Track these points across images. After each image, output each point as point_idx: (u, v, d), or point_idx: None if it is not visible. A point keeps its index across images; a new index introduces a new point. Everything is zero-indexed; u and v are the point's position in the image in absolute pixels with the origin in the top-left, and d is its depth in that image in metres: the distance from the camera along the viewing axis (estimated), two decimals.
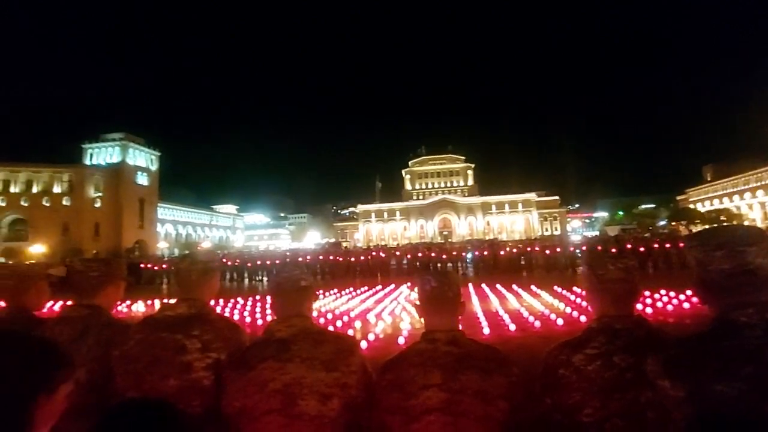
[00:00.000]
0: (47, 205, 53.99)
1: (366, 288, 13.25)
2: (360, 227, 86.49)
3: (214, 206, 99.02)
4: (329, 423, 1.14)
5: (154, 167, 67.60)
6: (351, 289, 13.08)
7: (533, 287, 10.98)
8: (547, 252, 18.64)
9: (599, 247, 16.83)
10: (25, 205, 52.99)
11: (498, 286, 11.60)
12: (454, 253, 20.22)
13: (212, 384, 1.36)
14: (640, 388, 1.00)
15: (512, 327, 6.64)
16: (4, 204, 51.90)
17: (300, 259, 20.59)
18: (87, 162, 60.55)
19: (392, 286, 13.47)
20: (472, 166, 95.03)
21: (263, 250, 39.78)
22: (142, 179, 64.49)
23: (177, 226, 76.22)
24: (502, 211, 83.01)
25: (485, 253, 19.27)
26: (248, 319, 8.47)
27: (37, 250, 45.51)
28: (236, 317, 8.74)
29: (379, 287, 13.30)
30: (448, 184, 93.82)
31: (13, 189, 53.10)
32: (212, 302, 1.75)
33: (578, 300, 8.64)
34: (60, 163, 57.21)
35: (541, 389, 1.17)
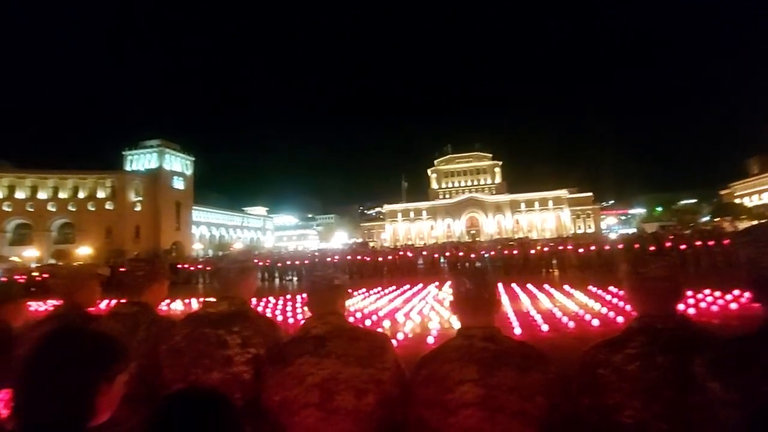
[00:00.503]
0: (92, 209, 57.38)
1: (394, 287, 13.29)
2: (387, 227, 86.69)
3: (245, 208, 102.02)
4: (365, 418, 1.17)
5: (189, 172, 70.41)
6: (379, 288, 13.15)
7: (566, 287, 10.66)
8: (581, 251, 18.03)
9: (636, 245, 16.13)
10: (73, 209, 56.53)
11: (529, 285, 11.33)
12: (483, 252, 19.90)
13: (252, 378, 1.43)
14: (686, 389, 0.97)
15: (545, 327, 6.49)
16: (54, 209, 55.59)
17: (328, 259, 20.88)
18: (127, 168, 63.87)
19: (420, 285, 13.43)
20: (500, 163, 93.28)
21: (292, 251, 40.61)
22: (178, 183, 67.33)
23: (211, 228, 79.10)
24: (532, 209, 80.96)
25: (515, 252, 18.86)
26: (280, 318, 8.68)
27: (83, 252, 48.43)
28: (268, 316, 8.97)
29: (407, 287, 13.29)
30: (475, 183, 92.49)
31: (61, 195, 56.79)
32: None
33: (614, 300, 8.33)
34: (103, 170, 60.65)
35: (578, 389, 1.15)
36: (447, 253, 20.30)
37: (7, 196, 53.52)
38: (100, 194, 58.71)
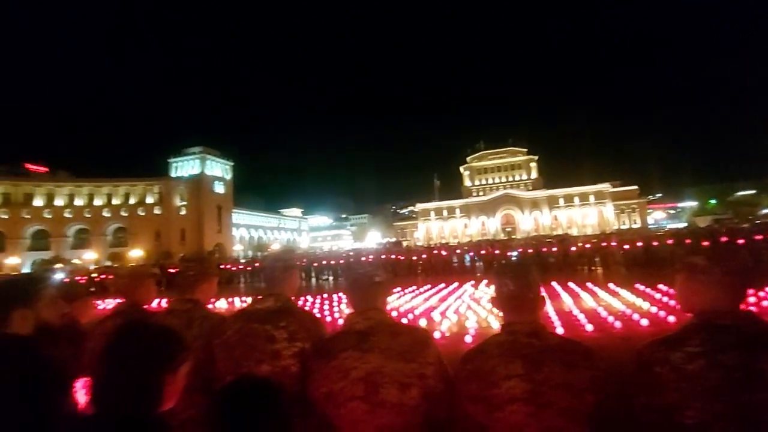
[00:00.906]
0: (142, 214, 61.17)
1: (429, 286, 13.22)
2: (419, 226, 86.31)
3: (281, 210, 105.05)
4: (410, 411, 1.19)
5: (228, 176, 73.45)
6: (414, 287, 13.13)
7: (611, 285, 10.18)
8: (626, 247, 17.14)
9: (688, 241, 15.10)
10: (125, 215, 60.50)
11: (570, 284, 10.92)
12: (519, 249, 19.35)
13: (299, 370, 1.48)
14: (752, 388, 0.91)
15: (589, 327, 6.23)
16: (108, 215, 59.73)
17: (363, 258, 21.08)
18: (173, 174, 67.54)
19: (455, 284, 13.29)
20: (536, 158, 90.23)
21: (327, 251, 41.35)
22: (219, 188, 70.40)
23: (249, 230, 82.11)
24: (572, 205, 77.77)
25: (554, 249, 18.22)
26: (318, 316, 8.86)
27: (135, 254, 51.69)
28: None
29: (442, 285, 13.18)
30: (510, 179, 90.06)
31: (115, 201, 60.95)
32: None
33: (665, 299, 7.85)
34: (151, 177, 64.49)
35: (633, 387, 1.11)
36: (482, 251, 19.95)
37: (67, 203, 58.08)
38: (149, 200, 62.47)
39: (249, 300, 2.08)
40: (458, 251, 20.71)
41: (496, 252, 19.18)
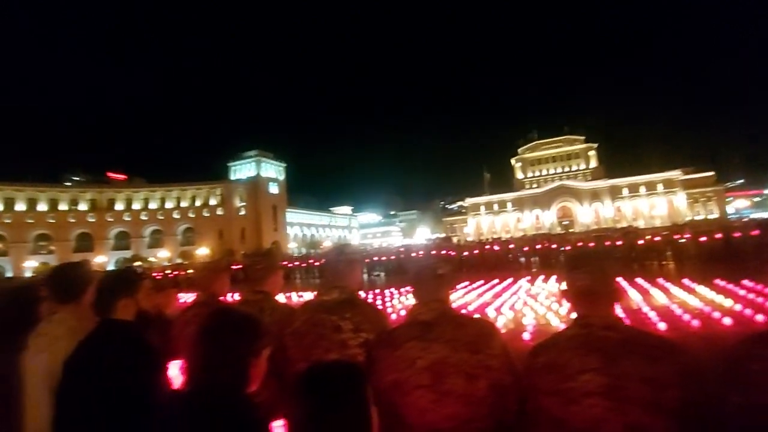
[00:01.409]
0: (207, 215, 65.83)
1: (482, 282, 12.93)
2: (469, 221, 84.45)
3: (331, 208, 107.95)
4: (477, 402, 1.20)
5: (281, 177, 76.79)
6: (467, 282, 12.92)
7: (686, 281, 9.33)
8: (702, 239, 15.57)
9: None
10: (192, 216, 65.46)
11: (638, 280, 10.15)
12: (579, 243, 18.29)
13: (365, 359, 1.54)
14: None
15: (662, 325, 5.77)
16: (178, 216, 64.98)
17: (413, 254, 21.09)
18: (232, 177, 71.94)
19: (509, 280, 12.89)
20: (595, 146, 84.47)
21: (378, 247, 41.87)
22: (273, 189, 73.86)
23: (302, 228, 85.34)
24: (637, 195, 71.82)
25: (618, 243, 17.01)
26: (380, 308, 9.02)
27: (202, 252, 55.77)
28: None
29: (496, 281, 12.84)
30: (566, 169, 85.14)
31: (183, 204, 66.15)
32: None
33: (752, 296, 7.06)
34: (213, 180, 69.22)
35: (722, 386, 1.03)
36: (538, 246, 19.12)
37: (143, 207, 63.99)
38: (212, 202, 67.09)
39: (305, 295, 2.20)
40: (511, 246, 20.02)
41: (553, 246, 18.29)
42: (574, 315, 1.25)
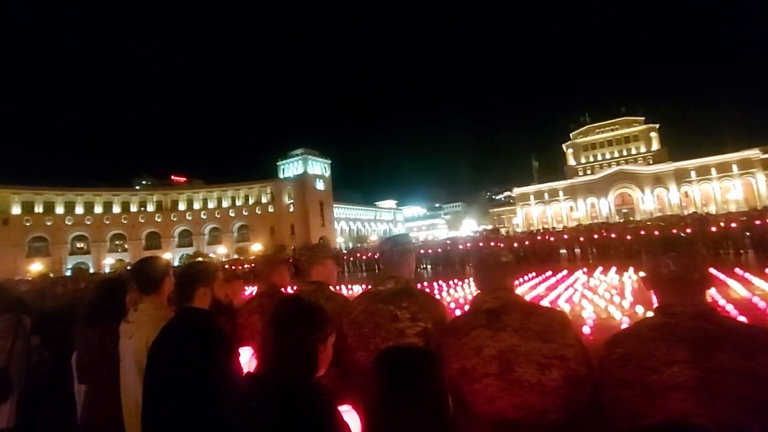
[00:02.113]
0: (259, 213, 69.12)
1: (533, 274, 12.45)
2: (518, 211, 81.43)
3: (376, 203, 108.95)
4: (550, 392, 1.15)
5: (327, 173, 78.68)
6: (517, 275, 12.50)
7: None
8: None
9: None
10: (246, 214, 69.03)
11: (712, 270, 9.25)
12: (641, 232, 16.98)
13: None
14: None
15: (742, 319, 5.23)
16: (233, 215, 68.82)
17: (460, 246, 20.78)
18: (281, 176, 74.85)
19: (564, 272, 12.29)
20: (656, 126, 77.77)
21: (423, 240, 41.64)
22: (320, 185, 75.91)
23: (348, 223, 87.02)
24: (707, 178, 65.15)
25: (688, 230, 15.60)
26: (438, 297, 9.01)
27: (256, 248, 58.70)
28: None
29: (549, 273, 12.30)
30: (625, 153, 79.25)
31: (237, 203, 69.94)
32: None
33: None
34: (264, 179, 72.46)
35: None
36: (595, 236, 18.03)
37: (202, 207, 68.41)
38: (264, 200, 70.29)
39: (354, 288, 2.25)
40: (565, 236, 19.04)
41: (612, 236, 17.16)
42: (637, 307, 1.15)
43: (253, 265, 22.87)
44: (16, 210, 54.08)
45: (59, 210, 57.41)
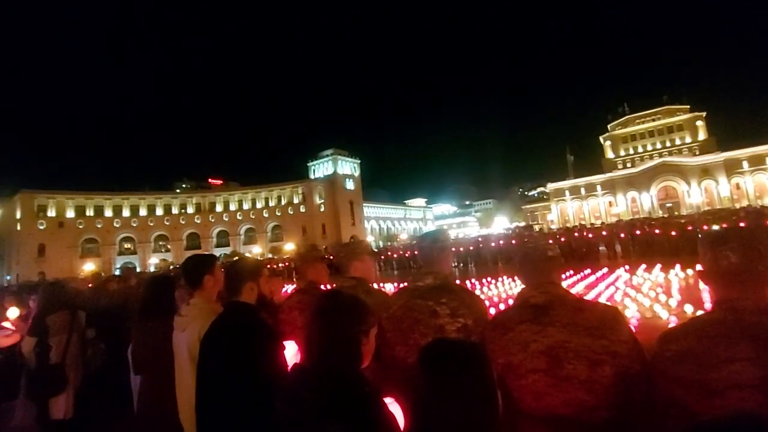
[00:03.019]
0: (291, 213, 70.80)
1: (571, 272, 12.02)
2: (552, 208, 78.83)
3: (405, 201, 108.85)
4: (601, 389, 1.12)
5: (356, 173, 79.44)
6: None
7: None
8: None
9: None
10: (279, 214, 70.91)
11: None
12: (690, 227, 15.99)
13: None
14: None
15: None
16: (267, 215, 70.89)
17: (492, 244, 20.40)
18: (311, 176, 76.32)
19: (604, 269, 11.79)
20: (703, 114, 72.92)
21: (454, 238, 41.10)
22: (349, 185, 76.77)
23: (378, 222, 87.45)
24: (761, 168, 60.42)
25: (741, 224, 14.54)
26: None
27: (289, 247, 60.10)
28: None
29: (587, 271, 11.83)
30: (668, 144, 74.92)
31: (271, 203, 71.95)
32: None
33: None
34: (295, 180, 74.13)
35: None
36: (637, 232, 17.18)
37: (238, 208, 70.91)
38: (295, 200, 71.93)
39: (386, 286, 2.27)
40: (605, 233, 18.25)
41: (656, 232, 16.28)
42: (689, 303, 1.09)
43: (286, 263, 23.54)
44: (70, 214, 58.16)
45: (108, 213, 61.26)
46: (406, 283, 1.95)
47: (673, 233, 15.68)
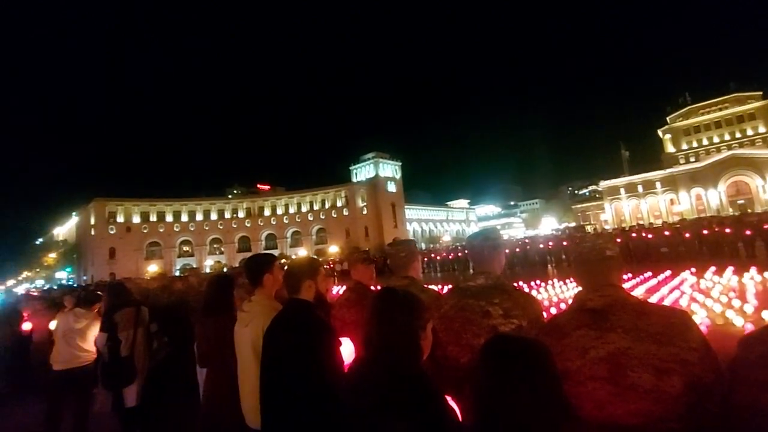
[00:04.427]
0: (335, 216, 72.37)
1: (629, 275, 11.27)
2: (606, 207, 74.30)
3: (447, 203, 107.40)
4: (670, 400, 1.05)
5: (398, 176, 79.66)
6: None
7: None
8: None
9: None
10: (323, 218, 72.76)
11: None
12: (766, 226, 14.40)
13: None
14: None
15: None
16: (312, 219, 72.97)
17: (541, 245, 19.61)
18: (354, 180, 77.58)
19: (667, 272, 10.94)
20: None
21: None
22: (391, 187, 77.11)
23: (421, 224, 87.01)
24: None
25: None
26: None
27: (333, 250, 61.42)
28: None
29: (648, 274, 11.03)
30: (738, 135, 68.06)
31: (315, 207, 74.01)
32: None
33: None
34: (338, 184, 75.73)
35: None
36: (704, 231, 15.78)
37: (284, 212, 73.62)
38: (339, 204, 73.45)
39: (430, 287, 2.28)
40: (667, 233, 16.92)
41: (727, 231, 14.85)
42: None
43: (330, 265, 24.17)
44: (136, 219, 63.35)
45: (169, 218, 66.01)
46: (450, 286, 1.94)
47: (748, 233, 14.23)
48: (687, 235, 16.10)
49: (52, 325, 4.69)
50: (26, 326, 6.69)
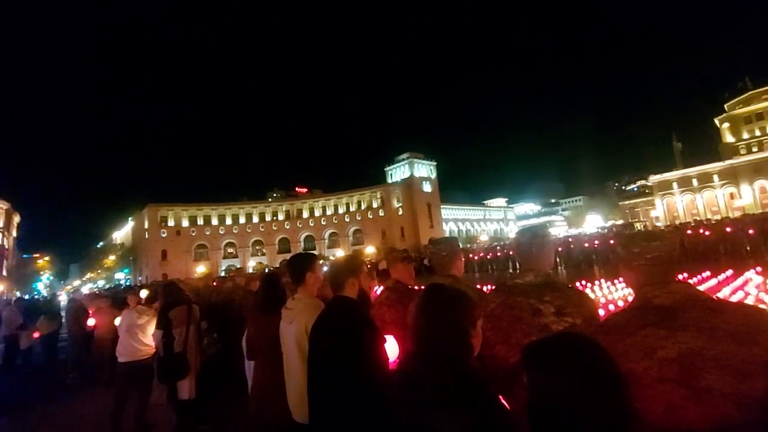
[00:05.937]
0: (370, 217, 73.06)
1: (685, 275, 10.47)
2: (656, 202, 69.74)
3: (485, 202, 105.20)
4: (754, 405, 0.95)
5: (433, 175, 79.11)
6: None
7: None
8: None
9: None
10: (359, 219, 73.67)
11: None
12: None
13: None
14: None
15: None
16: (348, 220, 74.08)
17: (586, 244, 18.74)
18: (389, 181, 77.90)
19: (729, 272, 10.07)
20: None
21: None
22: (426, 187, 76.68)
23: (457, 224, 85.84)
24: None
25: None
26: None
27: (369, 250, 61.98)
28: None
29: (707, 274, 10.21)
30: None
31: (351, 209, 75.06)
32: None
33: None
34: (374, 185, 76.36)
35: None
36: None
37: (321, 214, 75.26)
38: (374, 204, 74.08)
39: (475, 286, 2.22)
40: (728, 229, 15.61)
41: None
42: None
43: (368, 265, 24.43)
44: (185, 223, 67.19)
45: (214, 222, 69.47)
46: (491, 286, 1.89)
47: None
48: (751, 231, 14.77)
49: (117, 321, 5.06)
50: (90, 322, 7.27)
